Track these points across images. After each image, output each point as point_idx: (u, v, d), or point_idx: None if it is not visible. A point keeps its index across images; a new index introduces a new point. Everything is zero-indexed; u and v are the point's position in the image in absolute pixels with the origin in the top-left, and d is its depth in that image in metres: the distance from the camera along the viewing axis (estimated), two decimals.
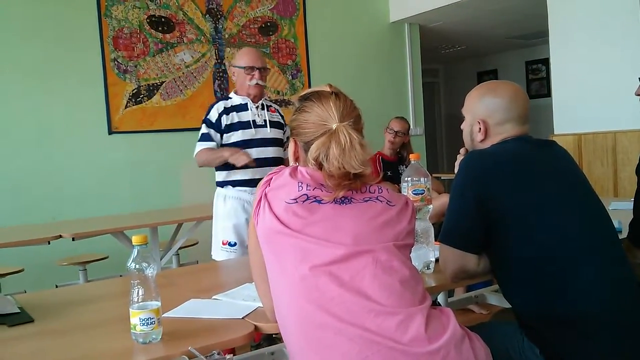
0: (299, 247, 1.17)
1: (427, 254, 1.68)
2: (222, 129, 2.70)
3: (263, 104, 2.82)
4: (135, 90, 4.50)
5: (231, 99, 2.79)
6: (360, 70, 5.65)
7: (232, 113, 2.72)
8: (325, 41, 5.46)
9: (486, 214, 1.43)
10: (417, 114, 6.11)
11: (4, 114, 4.03)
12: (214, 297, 1.53)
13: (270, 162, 2.71)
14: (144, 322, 1.18)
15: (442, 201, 1.92)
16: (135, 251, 1.21)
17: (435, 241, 1.67)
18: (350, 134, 1.22)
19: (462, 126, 1.67)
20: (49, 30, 4.18)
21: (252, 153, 2.67)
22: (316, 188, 1.23)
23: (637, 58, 4.12)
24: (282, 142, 2.84)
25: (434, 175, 3.41)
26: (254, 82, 2.72)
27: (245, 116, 2.74)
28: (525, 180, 1.45)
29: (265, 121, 2.78)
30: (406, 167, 2.19)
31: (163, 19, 4.63)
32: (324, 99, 1.27)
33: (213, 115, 2.71)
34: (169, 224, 3.62)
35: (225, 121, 2.70)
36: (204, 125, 2.73)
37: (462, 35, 6.95)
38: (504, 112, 1.56)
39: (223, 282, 1.86)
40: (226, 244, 2.70)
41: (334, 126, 1.23)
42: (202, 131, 2.72)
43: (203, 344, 1.18)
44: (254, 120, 2.75)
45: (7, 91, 4.04)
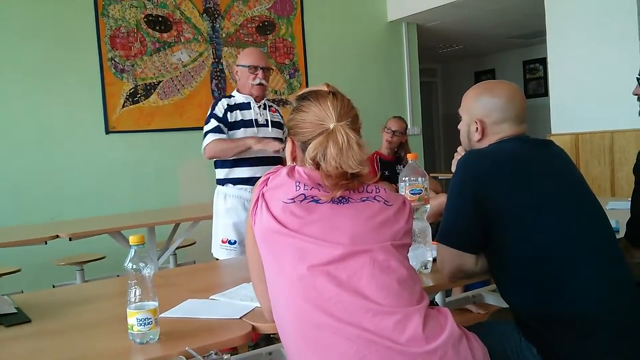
0: (297, 247, 1.17)
1: (425, 253, 1.68)
2: (228, 125, 2.72)
3: (265, 104, 2.84)
4: (133, 90, 4.49)
5: (234, 97, 2.82)
6: (358, 69, 5.65)
7: (236, 111, 2.75)
8: (322, 40, 5.46)
9: (484, 214, 1.43)
10: (415, 114, 6.12)
11: (2, 113, 4.02)
12: (211, 297, 1.53)
13: (271, 161, 2.72)
14: (141, 322, 1.18)
15: (439, 201, 1.92)
16: (132, 251, 1.21)
17: (433, 241, 1.68)
18: (347, 133, 1.22)
19: (459, 126, 1.68)
20: (46, 30, 4.18)
21: (252, 152, 2.69)
22: (314, 188, 1.23)
23: (634, 58, 4.13)
24: (281, 142, 2.85)
25: (431, 174, 3.41)
26: (257, 81, 2.75)
27: (248, 115, 2.77)
28: (522, 180, 1.45)
29: (267, 121, 2.80)
30: (404, 167, 2.19)
31: (160, 18, 4.62)
32: (322, 98, 1.27)
33: (220, 111, 2.72)
34: (167, 223, 3.62)
35: (230, 118, 2.72)
36: (212, 119, 2.72)
37: (460, 35, 6.96)
38: (501, 112, 1.56)
39: (220, 282, 1.86)
40: (226, 242, 2.71)
41: (331, 126, 1.23)
42: (212, 125, 2.71)
43: (200, 344, 1.18)
44: (256, 120, 2.77)
45: (5, 91, 4.03)
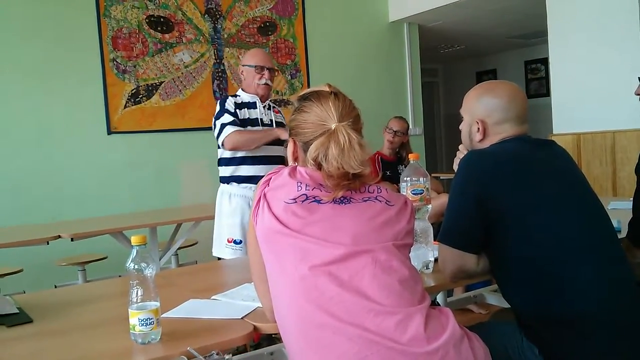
0: (298, 247, 1.17)
1: (426, 253, 1.68)
2: (240, 120, 2.72)
3: (269, 104, 2.88)
4: (134, 91, 4.50)
5: (240, 96, 2.83)
6: (360, 70, 5.64)
7: (243, 109, 2.77)
8: (324, 41, 5.45)
9: (485, 214, 1.43)
10: (416, 114, 6.11)
11: (2, 113, 4.03)
12: (213, 298, 1.53)
13: (275, 160, 2.74)
14: (143, 322, 1.18)
15: (441, 201, 1.92)
16: (134, 251, 1.21)
17: (434, 241, 1.67)
18: (349, 134, 1.22)
19: (461, 126, 1.67)
20: (48, 30, 4.18)
21: (261, 151, 2.72)
22: (315, 188, 1.23)
23: (636, 58, 4.12)
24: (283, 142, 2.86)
25: (433, 175, 3.41)
26: (263, 81, 2.77)
27: (254, 114, 2.79)
28: (524, 180, 1.45)
29: (272, 121, 2.83)
30: (405, 167, 2.19)
31: (162, 19, 4.62)
32: (323, 98, 1.27)
33: (231, 107, 2.73)
34: (168, 224, 3.62)
35: (240, 115, 2.74)
36: (226, 114, 2.71)
37: (461, 35, 6.95)
38: (502, 112, 1.56)
39: (222, 283, 1.86)
40: (231, 242, 2.72)
41: (333, 126, 1.23)
42: (227, 118, 2.70)
43: (202, 344, 1.18)
44: (261, 119, 2.79)
45: (6, 91, 4.04)
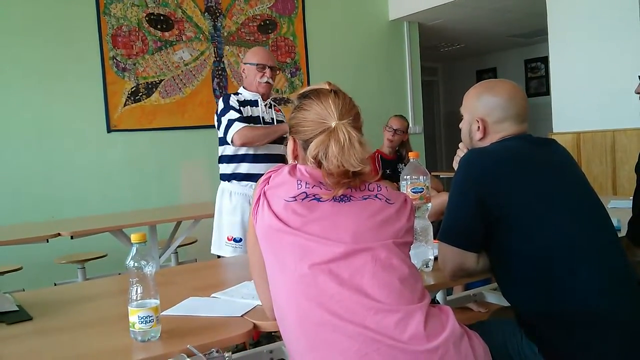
0: (298, 245, 1.17)
1: (426, 252, 1.68)
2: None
3: (270, 103, 2.88)
4: (134, 89, 4.49)
5: (241, 94, 2.83)
6: (360, 68, 5.64)
7: (246, 107, 2.77)
8: (324, 39, 5.45)
9: (486, 213, 1.43)
10: (416, 112, 6.11)
11: (2, 111, 4.02)
12: (212, 295, 1.53)
13: (276, 158, 2.75)
14: (142, 320, 1.18)
15: (441, 200, 1.92)
16: (134, 249, 1.21)
17: (434, 239, 1.67)
18: (349, 131, 1.22)
19: (461, 125, 1.67)
20: (47, 28, 4.17)
21: (262, 149, 2.73)
22: (315, 186, 1.23)
23: (636, 56, 4.12)
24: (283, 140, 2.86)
25: (433, 173, 3.41)
26: (264, 79, 2.77)
27: (256, 112, 2.79)
28: (524, 179, 1.45)
29: (272, 119, 2.83)
30: (405, 166, 2.19)
31: (162, 17, 4.62)
32: (323, 96, 1.27)
33: (235, 104, 2.73)
34: (168, 222, 3.62)
35: (244, 112, 2.74)
36: (232, 110, 2.70)
37: (461, 34, 6.95)
38: (502, 111, 1.56)
39: (222, 280, 1.86)
40: (231, 240, 2.72)
41: (333, 124, 1.23)
42: (234, 114, 2.69)
43: (202, 342, 1.18)
44: (262, 117, 2.80)
45: (6, 88, 4.03)
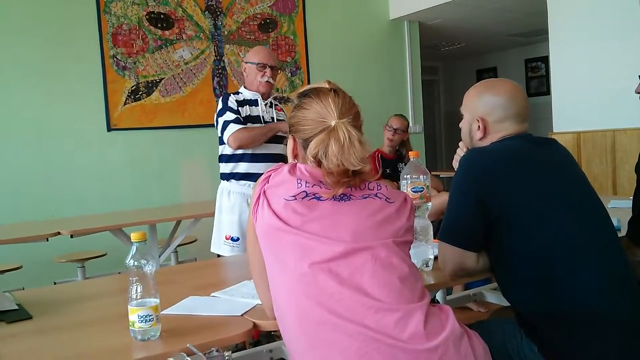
0: (298, 244, 1.17)
1: (426, 251, 1.68)
2: (242, 118, 2.73)
3: (271, 102, 2.87)
4: (134, 87, 4.49)
5: (241, 93, 2.83)
6: (360, 67, 5.64)
7: (245, 106, 2.77)
8: (324, 38, 5.45)
9: (486, 212, 1.43)
10: (417, 112, 6.11)
11: (2, 110, 4.02)
12: (212, 295, 1.53)
13: (274, 158, 2.74)
14: (142, 319, 1.18)
15: (441, 199, 1.92)
16: (133, 248, 1.21)
17: (434, 239, 1.67)
18: (349, 130, 1.21)
19: (461, 124, 1.67)
20: (48, 26, 4.17)
21: (260, 148, 2.73)
22: (315, 185, 1.23)
23: (636, 56, 4.12)
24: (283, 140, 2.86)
25: (433, 173, 3.41)
26: (265, 79, 2.77)
27: (256, 111, 2.80)
28: (525, 179, 1.45)
29: (273, 118, 2.83)
30: (405, 165, 2.19)
31: (162, 16, 4.62)
32: (323, 95, 1.27)
33: (233, 104, 2.73)
34: (168, 221, 3.62)
35: (242, 113, 2.74)
36: (228, 112, 2.71)
37: (462, 33, 6.94)
38: (502, 110, 1.56)
39: (222, 280, 1.86)
40: (229, 239, 2.73)
41: (332, 123, 1.23)
42: (230, 116, 2.70)
43: (202, 341, 1.18)
44: (262, 117, 2.80)
45: (6, 87, 4.03)
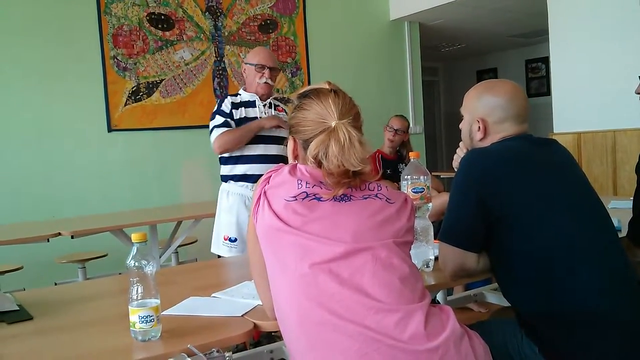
0: (299, 245, 1.17)
1: (427, 252, 1.68)
2: (235, 120, 2.73)
3: (271, 103, 2.86)
4: (135, 88, 4.49)
5: (240, 95, 2.84)
6: (360, 68, 5.64)
7: (241, 108, 2.77)
8: (325, 39, 5.45)
9: (486, 213, 1.43)
10: (417, 112, 6.11)
11: (3, 111, 4.02)
12: (213, 295, 1.53)
13: (273, 159, 2.74)
14: (143, 319, 1.18)
15: (441, 200, 1.92)
16: (134, 249, 1.21)
17: (435, 239, 1.67)
18: (349, 131, 1.21)
19: (461, 125, 1.67)
20: (48, 27, 4.17)
21: (257, 149, 2.73)
22: (315, 186, 1.23)
23: (637, 57, 4.12)
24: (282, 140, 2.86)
25: (433, 173, 3.41)
26: (263, 80, 2.77)
27: (253, 112, 2.79)
28: (525, 179, 1.45)
29: None
30: (406, 166, 2.19)
31: (163, 17, 4.62)
32: (323, 96, 1.27)
33: (226, 107, 2.75)
34: (169, 221, 3.62)
35: (235, 115, 2.74)
36: (217, 115, 2.73)
37: (462, 34, 6.95)
38: (502, 111, 1.56)
39: (222, 280, 1.86)
40: (227, 239, 2.73)
41: (333, 124, 1.23)
42: (218, 120, 2.72)
43: (202, 341, 1.18)
44: (260, 118, 2.78)
45: (7, 88, 4.03)
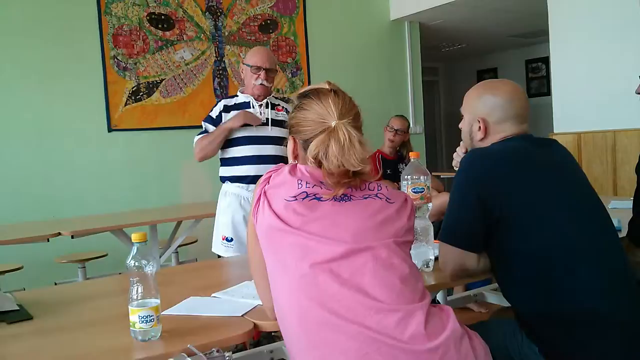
0: (299, 245, 1.17)
1: (427, 252, 1.68)
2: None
3: (269, 103, 2.84)
4: (135, 88, 4.50)
5: (237, 97, 2.84)
6: (360, 68, 5.64)
7: (233, 111, 2.76)
8: (325, 39, 5.45)
9: (487, 213, 1.43)
10: (417, 112, 6.11)
11: (3, 111, 4.02)
12: (213, 295, 1.53)
13: (270, 160, 2.72)
14: (143, 319, 1.18)
15: (442, 200, 1.92)
16: (134, 249, 1.21)
17: (435, 239, 1.67)
18: (349, 131, 1.21)
19: (461, 125, 1.67)
20: (48, 27, 4.18)
21: (252, 150, 2.71)
22: (315, 185, 1.23)
23: (637, 57, 4.12)
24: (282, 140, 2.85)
25: (433, 173, 3.40)
26: (258, 81, 2.76)
27: None
28: (525, 179, 1.45)
29: (268, 119, 2.80)
30: (406, 166, 2.19)
31: (163, 17, 4.62)
32: (323, 96, 1.27)
33: (215, 113, 2.77)
34: (169, 221, 3.61)
35: (225, 118, 2.74)
36: (204, 123, 2.78)
37: (463, 34, 6.95)
38: (502, 111, 1.56)
39: (222, 280, 1.86)
40: (224, 239, 2.74)
41: (333, 124, 1.23)
42: (203, 126, 2.77)
43: (202, 341, 1.18)
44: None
45: (7, 88, 4.03)
